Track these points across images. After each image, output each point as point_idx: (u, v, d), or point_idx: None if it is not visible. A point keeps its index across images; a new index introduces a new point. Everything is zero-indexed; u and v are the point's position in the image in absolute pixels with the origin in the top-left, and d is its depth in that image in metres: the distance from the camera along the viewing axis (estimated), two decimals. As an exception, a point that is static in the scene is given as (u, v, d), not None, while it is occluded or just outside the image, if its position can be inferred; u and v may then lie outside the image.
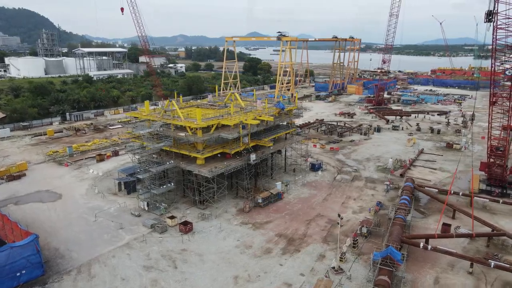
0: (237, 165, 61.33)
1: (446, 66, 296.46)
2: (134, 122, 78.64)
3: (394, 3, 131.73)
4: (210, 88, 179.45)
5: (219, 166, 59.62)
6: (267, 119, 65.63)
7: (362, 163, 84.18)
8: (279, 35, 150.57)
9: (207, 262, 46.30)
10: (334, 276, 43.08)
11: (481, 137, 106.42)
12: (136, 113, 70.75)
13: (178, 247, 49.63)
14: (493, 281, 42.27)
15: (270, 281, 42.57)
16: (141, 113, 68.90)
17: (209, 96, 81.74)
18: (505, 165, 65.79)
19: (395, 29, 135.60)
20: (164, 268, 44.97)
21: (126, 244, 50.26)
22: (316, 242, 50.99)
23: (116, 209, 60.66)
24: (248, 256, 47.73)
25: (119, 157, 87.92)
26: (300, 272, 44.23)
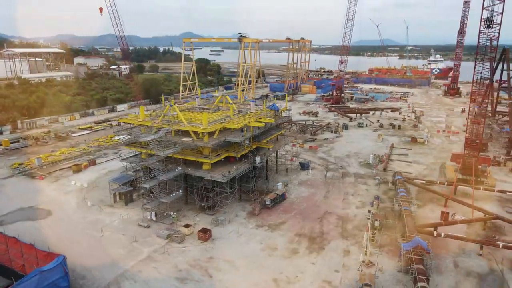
0: (245, 168, 61.29)
1: (381, 66, 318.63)
2: (125, 129, 74.72)
3: (350, 7, 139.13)
4: (166, 91, 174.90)
5: (225, 170, 59.16)
6: (269, 121, 66.31)
7: (344, 159, 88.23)
8: (240, 37, 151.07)
9: (240, 268, 46.02)
10: (366, 270, 45.28)
11: (436, 131, 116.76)
12: (131, 119, 67.42)
13: (204, 255, 48.60)
14: (501, 260, 47.34)
15: (310, 281, 43.58)
16: (136, 119, 65.86)
17: (197, 100, 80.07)
18: (478, 155, 73.37)
19: (351, 31, 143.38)
20: (200, 279, 43.91)
21: (148, 257, 48.06)
22: (335, 238, 52.93)
23: (120, 221, 57.48)
24: (277, 258, 48.24)
25: (98, 166, 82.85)
26: (334, 269, 45.80)
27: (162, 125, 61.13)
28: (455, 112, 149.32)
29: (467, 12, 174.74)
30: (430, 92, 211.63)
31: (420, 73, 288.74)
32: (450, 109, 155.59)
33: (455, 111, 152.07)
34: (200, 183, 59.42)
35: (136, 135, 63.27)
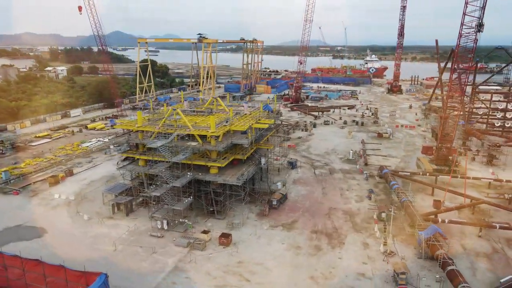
0: (253, 170, 61.36)
1: (323, 65, 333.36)
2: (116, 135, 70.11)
3: (308, 10, 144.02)
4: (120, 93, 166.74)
5: (232, 173, 58.82)
6: (270, 122, 66.91)
7: (325, 156, 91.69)
8: (200, 37, 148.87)
9: (273, 269, 46.32)
10: (391, 259, 48.11)
11: (395, 126, 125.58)
12: (128, 124, 63.94)
13: (232, 260, 48.09)
14: (498, 240, 53.08)
15: (344, 275, 45.29)
16: (131, 124, 62.67)
17: (185, 102, 77.71)
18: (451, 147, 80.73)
19: (310, 32, 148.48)
20: (238, 284, 43.49)
21: (176, 268, 46.38)
22: (349, 233, 55.29)
23: (129, 233, 54.50)
24: (304, 256, 49.30)
25: (76, 176, 77.16)
26: (361, 261, 48.01)
27: (166, 129, 58.94)
28: (404, 108, 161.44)
29: (404, 16, 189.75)
30: (373, 89, 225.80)
31: (358, 72, 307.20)
32: (397, 105, 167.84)
33: (402, 107, 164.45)
34: (209, 187, 58.34)
35: (135, 141, 60.30)
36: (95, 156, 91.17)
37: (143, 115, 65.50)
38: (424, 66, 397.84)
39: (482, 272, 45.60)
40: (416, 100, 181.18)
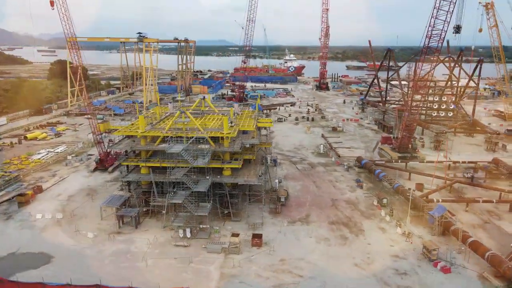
0: (262, 169, 61.58)
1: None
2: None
3: (251, 10, 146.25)
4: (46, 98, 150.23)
5: (243, 174, 58.61)
6: (269, 120, 67.58)
7: (297, 152, 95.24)
8: (140, 36, 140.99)
9: (317, 263, 47.73)
10: (410, 239, 52.97)
11: (342, 120, 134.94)
12: (130, 130, 58.97)
13: (273, 259, 48.28)
14: (481, 212, 61.77)
15: (381, 258, 48.71)
16: (133, 130, 58.19)
17: (169, 105, 73.55)
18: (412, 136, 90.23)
19: (253, 32, 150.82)
20: (294, 281, 44.08)
21: (223, 275, 45.03)
22: (362, 220, 59.15)
23: (153, 245, 50.91)
24: (337, 246, 51.66)
25: (47, 193, 68.62)
26: (388, 245, 52.01)
27: (176, 133, 56.07)
28: (339, 103, 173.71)
29: (327, 18, 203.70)
30: (300, 87, 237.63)
31: (280, 70, 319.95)
32: (331, 101, 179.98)
33: (336, 102, 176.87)
34: (224, 190, 57.23)
35: (139, 147, 56.26)
36: (55, 168, 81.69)
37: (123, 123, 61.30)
38: (334, 65, 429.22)
39: (486, 241, 52.81)
40: (345, 96, 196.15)
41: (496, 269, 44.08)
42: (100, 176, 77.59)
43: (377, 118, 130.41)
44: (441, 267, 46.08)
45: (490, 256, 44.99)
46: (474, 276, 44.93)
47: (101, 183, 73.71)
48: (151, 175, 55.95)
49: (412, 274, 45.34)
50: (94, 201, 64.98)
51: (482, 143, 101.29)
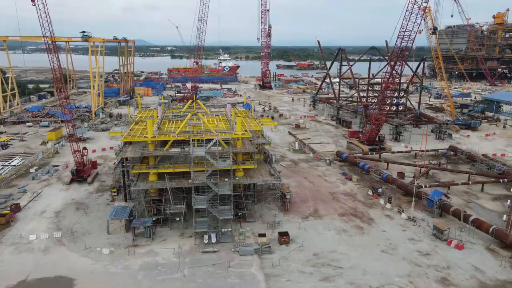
0: (269, 168, 61.91)
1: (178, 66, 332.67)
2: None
3: (203, 9, 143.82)
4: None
5: (252, 174, 58.72)
6: (269, 119, 67.87)
7: (274, 150, 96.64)
8: (84, 36, 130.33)
9: (349, 253, 49.71)
10: (412, 222, 57.71)
11: (299, 117, 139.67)
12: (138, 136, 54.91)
13: (307, 254, 49.24)
14: (460, 193, 69.41)
15: (402, 242, 52.41)
16: (138, 136, 54.58)
17: (158, 108, 69.55)
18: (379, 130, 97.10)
19: (205, 32, 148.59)
20: (336, 272, 45.55)
21: (267, 276, 44.83)
22: (367, 210, 62.64)
23: (181, 255, 48.57)
24: (358, 236, 54.30)
25: (27, 211, 61.28)
26: (401, 230, 56.08)
27: (188, 136, 53.96)
28: (288, 101, 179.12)
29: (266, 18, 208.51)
30: (242, 86, 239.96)
31: (215, 70, 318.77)
32: (279, 99, 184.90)
33: (285, 100, 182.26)
34: (240, 191, 56.66)
35: (151, 153, 53.17)
36: (21, 183, 72.97)
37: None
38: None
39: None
40: (290, 94, 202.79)
41: (501, 241, 50.24)
42: (80, 188, 71.19)
43: (332, 114, 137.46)
44: (455, 245, 51.17)
45: (495, 230, 51.16)
46: (483, 249, 50.71)
47: (85, 195, 67.79)
48: (166, 182, 53.18)
49: (434, 254, 49.65)
50: (90, 215, 59.80)
51: (430, 133, 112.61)
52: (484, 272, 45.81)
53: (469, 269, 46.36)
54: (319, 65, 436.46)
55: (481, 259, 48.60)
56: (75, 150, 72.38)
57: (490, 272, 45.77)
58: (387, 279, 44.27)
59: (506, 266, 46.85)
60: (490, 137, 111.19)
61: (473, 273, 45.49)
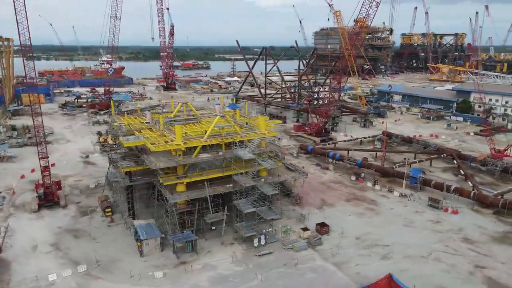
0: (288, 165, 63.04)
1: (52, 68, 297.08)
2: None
3: (116, 6, 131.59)
4: None
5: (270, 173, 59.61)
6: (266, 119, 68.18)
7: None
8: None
9: (380, 232, 54.85)
10: (406, 198, 66.49)
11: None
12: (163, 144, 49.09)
13: (352, 240, 52.66)
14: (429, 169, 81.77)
15: (413, 216, 60.04)
16: (165, 143, 49.63)
17: (147, 113, 62.09)
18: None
19: (119, 31, 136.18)
20: (388, 249, 50.15)
21: (336, 265, 46.86)
22: (363, 193, 68.99)
23: (238, 263, 46.66)
24: (376, 216, 60.09)
25: (11, 250, 49.80)
26: (402, 206, 63.83)
27: (223, 139, 51.59)
28: (203, 101, 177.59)
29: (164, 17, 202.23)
30: (147, 89, 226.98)
31: (98, 73, 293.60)
32: (194, 100, 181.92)
33: (199, 100, 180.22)
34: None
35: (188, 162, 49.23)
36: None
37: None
38: (147, 65, 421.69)
39: (445, 187, 71.66)
40: (200, 94, 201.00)
41: (482, 202, 62.10)
42: (55, 213, 60.41)
43: (261, 111, 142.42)
44: (451, 211, 61.20)
45: (476, 195, 62.94)
46: (470, 211, 61.89)
47: (71, 221, 58.04)
48: (207, 189, 49.89)
49: (441, 221, 58.55)
50: (99, 241, 51.90)
51: (353, 122, 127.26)
52: (485, 228, 56.39)
53: (475, 228, 56.39)
54: (203, 65, 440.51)
55: (475, 218, 59.40)
56: (44, 169, 60.95)
57: (489, 227, 56.59)
58: (428, 248, 50.79)
59: (496, 221, 58.44)
60: (399, 122, 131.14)
61: (480, 230, 55.59)
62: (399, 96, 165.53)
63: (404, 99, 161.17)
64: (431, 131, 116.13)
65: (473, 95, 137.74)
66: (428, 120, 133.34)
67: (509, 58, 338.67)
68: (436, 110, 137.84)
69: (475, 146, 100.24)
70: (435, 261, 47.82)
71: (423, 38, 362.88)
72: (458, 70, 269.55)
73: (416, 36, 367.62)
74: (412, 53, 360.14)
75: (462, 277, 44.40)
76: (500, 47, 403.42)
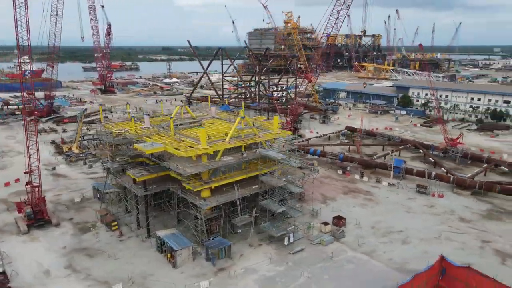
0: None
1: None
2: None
3: (57, 2, 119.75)
4: None
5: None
6: (264, 118, 68.14)
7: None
8: None
9: (390, 219, 58.78)
10: (395, 187, 71.91)
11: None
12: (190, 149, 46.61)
13: (367, 231, 55.55)
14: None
15: (409, 203, 65.15)
16: (192, 148, 47.64)
17: (146, 117, 57.70)
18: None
19: (61, 29, 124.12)
20: (405, 234, 54.03)
21: (368, 253, 49.32)
22: (355, 185, 72.97)
23: (277, 263, 46.75)
24: (377, 206, 64.01)
25: (19, 279, 43.95)
26: (395, 194, 68.87)
27: (245, 141, 50.94)
28: (152, 103, 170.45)
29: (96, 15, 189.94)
30: (75, 93, 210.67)
31: (14, 76, 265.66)
32: (141, 103, 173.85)
33: (149, 103, 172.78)
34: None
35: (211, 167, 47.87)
36: None
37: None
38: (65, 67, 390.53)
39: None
40: (143, 96, 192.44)
41: (461, 185, 69.65)
42: (49, 233, 54.57)
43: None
44: (438, 195, 67.68)
45: (455, 179, 70.36)
46: (452, 194, 69.02)
47: (74, 240, 52.78)
48: (236, 192, 48.92)
49: (434, 205, 64.51)
50: (119, 258, 48.08)
51: (312, 119, 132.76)
52: (471, 207, 63.50)
53: (463, 208, 63.17)
54: (131, 66, 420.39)
55: (459, 200, 66.46)
56: (33, 185, 54.42)
57: (474, 206, 63.83)
58: (435, 230, 55.77)
59: (476, 200, 66.05)
60: (351, 117, 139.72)
61: (469, 210, 62.46)
62: (344, 93, 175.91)
63: (349, 96, 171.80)
64: (383, 124, 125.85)
65: (411, 90, 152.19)
66: (376, 114, 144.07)
67: (420, 57, 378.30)
68: (383, 105, 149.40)
69: (425, 136, 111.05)
70: (447, 241, 52.82)
71: (346, 39, 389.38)
72: (383, 68, 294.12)
73: (340, 37, 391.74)
74: (337, 53, 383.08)
75: (477, 253, 49.77)
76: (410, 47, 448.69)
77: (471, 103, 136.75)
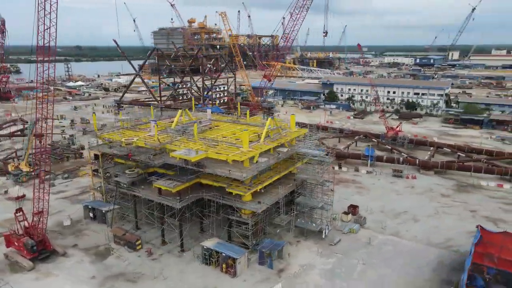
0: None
1: None
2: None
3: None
4: None
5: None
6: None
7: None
8: None
9: (394, 203, 64.84)
10: (373, 174, 79.19)
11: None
12: (248, 152, 44.50)
13: (380, 215, 60.78)
14: (359, 148, 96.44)
15: (396, 186, 72.48)
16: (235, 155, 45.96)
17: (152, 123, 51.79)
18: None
19: None
20: (410, 216, 60.41)
21: (396, 235, 54.00)
22: (342, 175, 77.92)
23: (323, 255, 48.42)
24: (373, 192, 69.90)
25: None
26: (377, 179, 75.75)
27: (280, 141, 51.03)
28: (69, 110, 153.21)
29: None
30: None
31: None
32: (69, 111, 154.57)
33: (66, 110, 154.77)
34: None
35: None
36: None
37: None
38: None
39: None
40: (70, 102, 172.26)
41: (424, 166, 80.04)
42: (61, 264, 47.28)
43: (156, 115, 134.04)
44: (411, 177, 76.76)
45: (420, 162, 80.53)
46: (420, 174, 78.84)
47: (99, 267, 46.67)
48: (280, 192, 48.74)
49: (413, 185, 73.04)
50: (167, 278, 44.15)
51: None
52: (443, 184, 73.77)
53: (437, 186, 72.95)
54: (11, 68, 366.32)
55: (429, 179, 76.43)
56: (37, 212, 46.11)
57: (443, 183, 74.25)
58: (431, 207, 63.53)
59: (442, 178, 76.75)
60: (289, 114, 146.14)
61: (442, 187, 72.43)
62: (271, 91, 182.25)
63: (277, 93, 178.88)
64: (319, 119, 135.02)
65: (336, 86, 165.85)
66: (310, 110, 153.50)
67: (316, 56, 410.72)
68: (314, 101, 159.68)
69: (364, 126, 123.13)
70: (445, 215, 60.92)
71: (248, 38, 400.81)
72: (290, 67, 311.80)
73: (243, 36, 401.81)
74: (241, 52, 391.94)
75: (473, 221, 58.52)
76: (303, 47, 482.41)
77: (387, 96, 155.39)
